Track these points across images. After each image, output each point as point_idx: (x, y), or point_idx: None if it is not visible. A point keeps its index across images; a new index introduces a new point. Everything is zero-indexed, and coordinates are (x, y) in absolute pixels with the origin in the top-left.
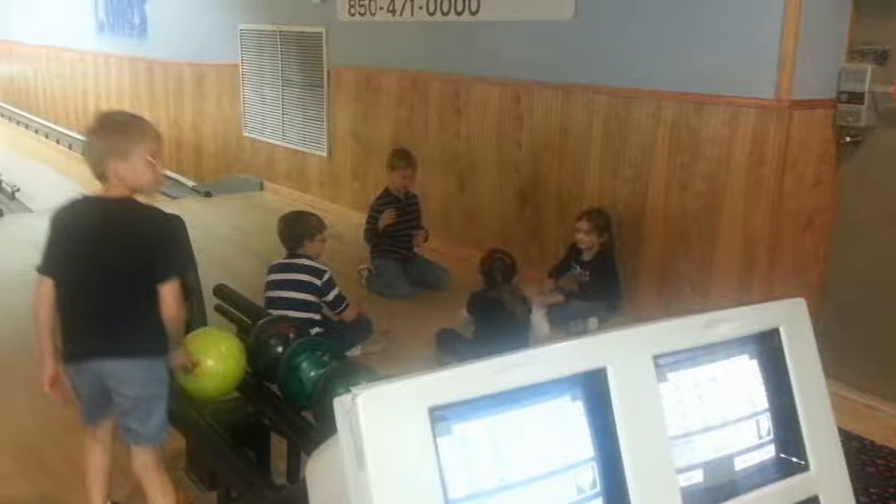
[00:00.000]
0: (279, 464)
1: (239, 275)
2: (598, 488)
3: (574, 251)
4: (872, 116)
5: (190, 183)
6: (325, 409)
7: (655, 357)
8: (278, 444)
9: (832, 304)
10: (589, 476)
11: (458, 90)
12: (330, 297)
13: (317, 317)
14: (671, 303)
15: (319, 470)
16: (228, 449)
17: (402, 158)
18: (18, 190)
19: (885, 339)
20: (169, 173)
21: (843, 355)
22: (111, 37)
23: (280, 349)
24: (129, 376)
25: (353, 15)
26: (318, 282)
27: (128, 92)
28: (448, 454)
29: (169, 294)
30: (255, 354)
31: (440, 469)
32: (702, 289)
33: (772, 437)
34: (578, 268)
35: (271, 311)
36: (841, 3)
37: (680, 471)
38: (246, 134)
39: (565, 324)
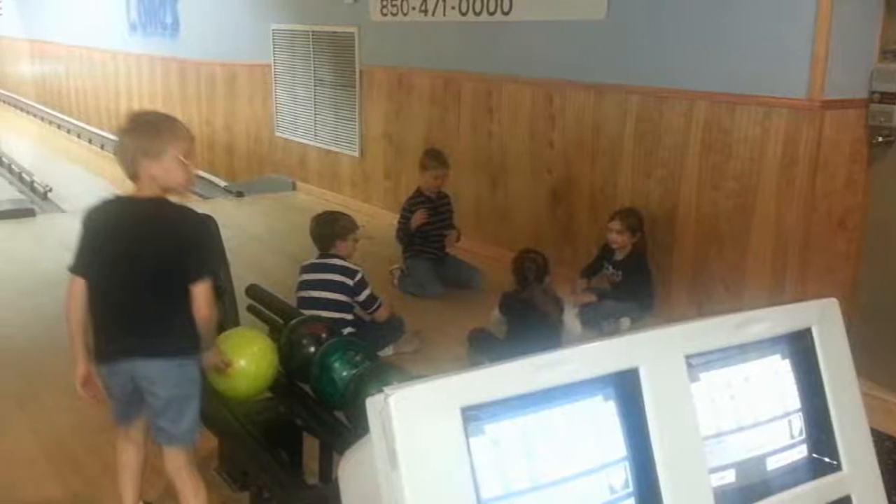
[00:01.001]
0: (311, 464)
1: (271, 275)
2: (630, 488)
3: (606, 251)
4: None
5: (222, 183)
6: (357, 409)
7: (687, 357)
8: (310, 445)
9: (865, 303)
10: (621, 476)
11: (490, 90)
12: (362, 297)
13: (349, 317)
14: (703, 303)
15: (352, 470)
16: (261, 449)
17: (434, 158)
18: (51, 190)
19: None
20: (201, 173)
21: (875, 355)
22: (143, 37)
23: (312, 349)
24: (162, 376)
25: (385, 15)
26: (350, 282)
27: (160, 92)
28: (480, 454)
29: (201, 294)
30: (288, 354)
31: (472, 469)
32: (734, 289)
33: (804, 437)
34: (611, 267)
35: (303, 311)
36: (873, 4)
37: (712, 471)
38: (278, 134)
39: (597, 324)
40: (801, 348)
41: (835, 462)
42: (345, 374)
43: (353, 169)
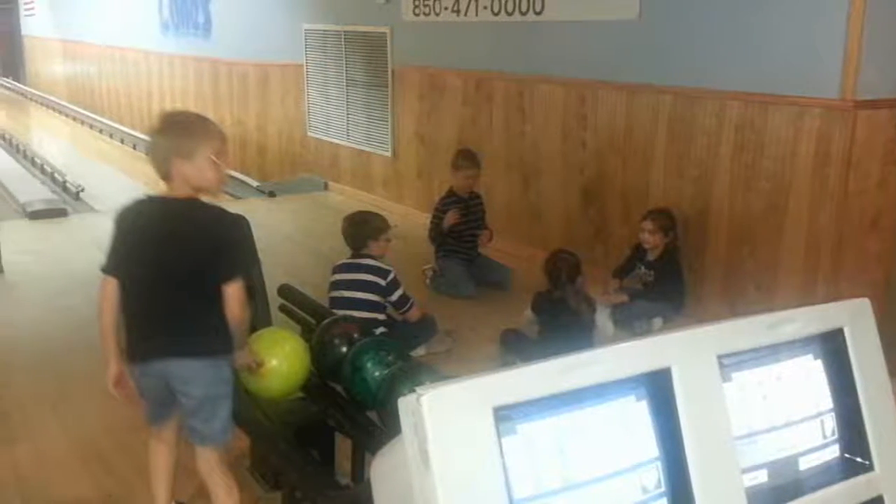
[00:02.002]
0: (344, 464)
1: (303, 275)
2: (662, 488)
3: (638, 251)
4: None
5: (254, 183)
6: (389, 408)
7: (720, 357)
8: (343, 444)
9: None
10: (653, 476)
11: (522, 90)
12: (394, 297)
13: (381, 317)
14: (735, 303)
15: (384, 470)
16: (293, 449)
17: (466, 158)
18: (83, 190)
19: None
20: (233, 173)
21: None
22: (175, 36)
23: (344, 349)
24: (194, 376)
25: (417, 15)
26: (382, 282)
27: (192, 91)
28: (512, 454)
29: (233, 294)
30: (320, 354)
31: (505, 469)
32: (766, 288)
33: (836, 437)
34: (643, 268)
35: (336, 311)
36: None
37: (744, 471)
38: (310, 134)
39: (630, 324)
40: (833, 348)
41: (867, 462)
42: (377, 373)
43: (386, 169)
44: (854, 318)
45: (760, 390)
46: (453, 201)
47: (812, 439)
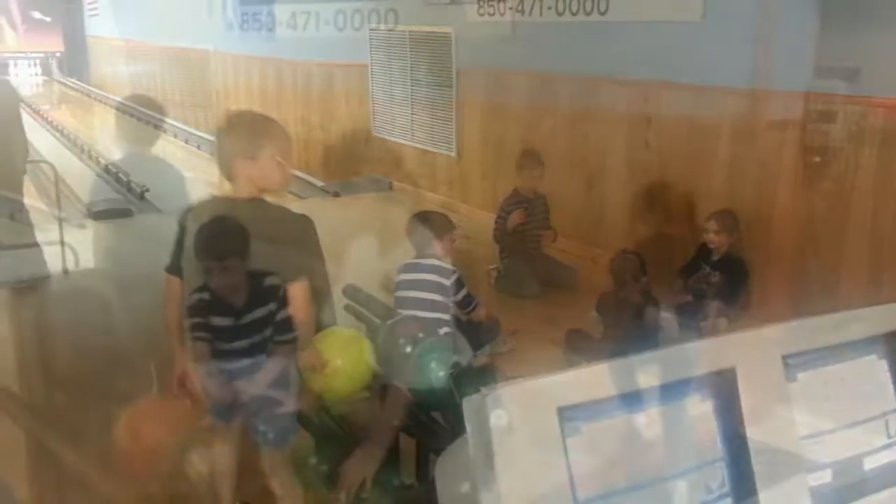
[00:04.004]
0: (408, 464)
1: (368, 275)
2: (726, 488)
3: (703, 251)
4: None
5: (318, 183)
6: (453, 409)
7: (784, 357)
8: (407, 445)
9: None
10: (718, 476)
11: (586, 91)
12: (459, 297)
13: (446, 317)
14: (799, 302)
15: (448, 470)
16: (357, 449)
17: (530, 159)
18: (147, 190)
19: None
20: (297, 173)
21: None
22: (240, 36)
23: (409, 349)
24: (259, 376)
25: (481, 16)
26: (446, 282)
27: (256, 92)
28: (577, 454)
29: (298, 294)
30: (384, 354)
31: (569, 469)
32: (830, 288)
33: None
34: (707, 268)
35: (400, 311)
36: None
37: (809, 471)
38: (375, 134)
39: (694, 324)
40: None
41: None
42: (441, 374)
43: (450, 169)
44: None
45: (825, 390)
46: (518, 201)
47: (877, 439)
